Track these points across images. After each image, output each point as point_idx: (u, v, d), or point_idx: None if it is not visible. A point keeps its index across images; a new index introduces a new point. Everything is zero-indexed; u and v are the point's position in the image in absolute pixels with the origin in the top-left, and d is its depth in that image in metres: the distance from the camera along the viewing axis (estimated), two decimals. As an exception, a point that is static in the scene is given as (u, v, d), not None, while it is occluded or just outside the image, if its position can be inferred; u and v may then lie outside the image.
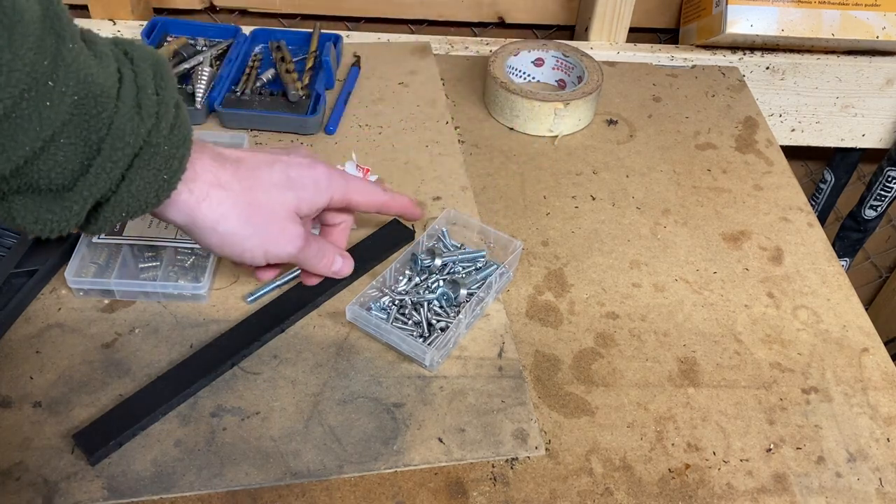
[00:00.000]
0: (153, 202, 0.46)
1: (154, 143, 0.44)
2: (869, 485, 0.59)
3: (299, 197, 0.53)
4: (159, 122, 0.45)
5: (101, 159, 0.42)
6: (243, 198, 0.50)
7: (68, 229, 0.44)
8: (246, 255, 0.52)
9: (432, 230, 0.72)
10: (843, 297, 0.74)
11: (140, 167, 0.44)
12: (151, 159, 0.44)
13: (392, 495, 0.55)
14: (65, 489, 0.54)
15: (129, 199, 0.45)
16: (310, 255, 0.56)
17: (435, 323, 0.65)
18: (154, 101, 0.45)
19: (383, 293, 0.68)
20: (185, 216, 0.48)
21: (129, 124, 0.43)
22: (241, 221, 0.50)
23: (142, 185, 0.45)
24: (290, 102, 0.86)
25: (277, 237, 0.52)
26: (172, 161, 0.46)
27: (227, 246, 0.51)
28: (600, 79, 0.90)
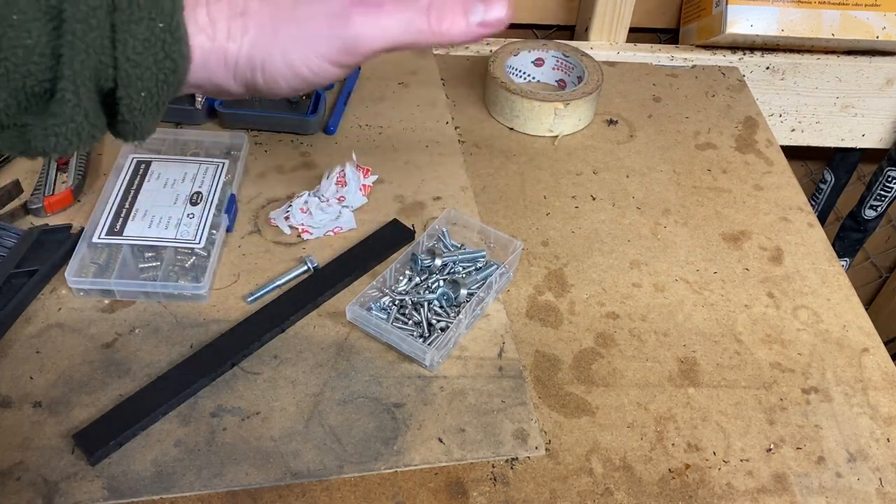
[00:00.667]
0: (170, 67, 0.38)
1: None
2: (869, 485, 0.59)
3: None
4: None
5: (68, 24, 0.35)
6: (264, 11, 0.41)
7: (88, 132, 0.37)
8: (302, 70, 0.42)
9: (432, 230, 0.72)
10: (843, 297, 0.74)
11: (125, 23, 0.36)
12: (131, 6, 0.36)
13: (392, 495, 0.55)
14: (65, 489, 0.54)
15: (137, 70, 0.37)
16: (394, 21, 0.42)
17: (435, 323, 0.65)
18: None
19: (383, 293, 0.68)
20: (221, 69, 0.40)
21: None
22: (269, 39, 0.41)
23: (141, 48, 0.37)
24: (290, 102, 0.86)
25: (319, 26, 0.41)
26: (161, 2, 0.37)
27: (277, 74, 0.41)
28: (600, 79, 0.90)
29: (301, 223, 0.73)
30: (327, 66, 0.42)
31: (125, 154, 0.77)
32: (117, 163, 0.76)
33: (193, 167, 0.76)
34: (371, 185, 0.78)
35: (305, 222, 0.73)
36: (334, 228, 0.73)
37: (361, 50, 0.42)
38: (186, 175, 0.75)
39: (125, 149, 0.77)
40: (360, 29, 0.41)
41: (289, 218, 0.73)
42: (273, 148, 0.82)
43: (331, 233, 0.73)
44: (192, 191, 0.73)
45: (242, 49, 0.41)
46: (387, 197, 0.78)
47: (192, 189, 0.73)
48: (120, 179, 0.74)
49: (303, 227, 0.73)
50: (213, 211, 0.72)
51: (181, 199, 0.72)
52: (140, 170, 0.75)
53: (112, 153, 0.79)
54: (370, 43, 0.42)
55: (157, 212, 0.70)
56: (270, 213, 0.74)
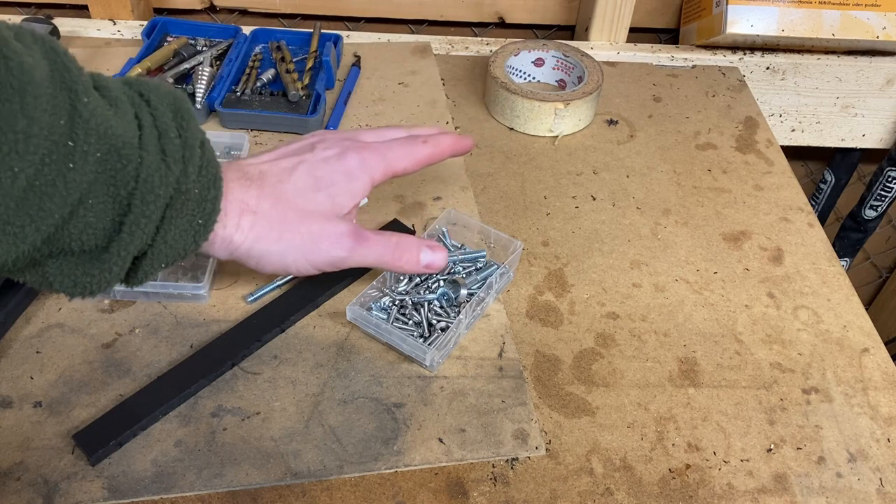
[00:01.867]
0: (192, 247, 0.45)
1: (184, 190, 0.43)
2: (869, 485, 0.59)
3: (332, 195, 0.51)
4: (186, 166, 0.43)
5: (133, 215, 0.41)
6: (273, 215, 0.49)
7: (109, 287, 0.43)
8: (291, 268, 0.51)
9: (432, 230, 0.72)
10: (843, 297, 0.74)
11: (173, 217, 0.42)
12: (184, 206, 0.43)
13: (392, 495, 0.55)
14: (65, 489, 0.54)
15: (167, 250, 0.43)
16: (372, 254, 0.52)
17: (435, 323, 0.65)
18: (178, 145, 0.42)
19: (383, 293, 0.68)
20: (222, 250, 0.48)
21: (157, 174, 0.41)
22: (273, 240, 0.49)
23: (177, 234, 0.43)
24: (290, 102, 0.86)
25: (317, 243, 0.50)
26: (205, 204, 0.44)
27: (269, 265, 0.50)
28: (600, 79, 0.90)
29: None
30: (312, 270, 0.52)
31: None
32: (117, 163, 0.76)
33: (193, 167, 0.75)
34: (371, 185, 0.78)
35: None
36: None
37: (343, 266, 0.53)
38: (186, 175, 0.75)
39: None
40: (346, 254, 0.52)
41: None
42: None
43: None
44: (192, 191, 0.73)
45: (246, 242, 0.49)
46: (387, 197, 0.78)
47: (192, 189, 0.73)
48: (120, 179, 0.74)
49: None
50: (213, 211, 0.71)
51: (181, 199, 0.72)
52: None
53: (112, 153, 0.79)
54: (351, 263, 0.53)
55: (157, 212, 0.70)
56: None
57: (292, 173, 0.51)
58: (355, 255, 0.52)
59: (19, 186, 0.35)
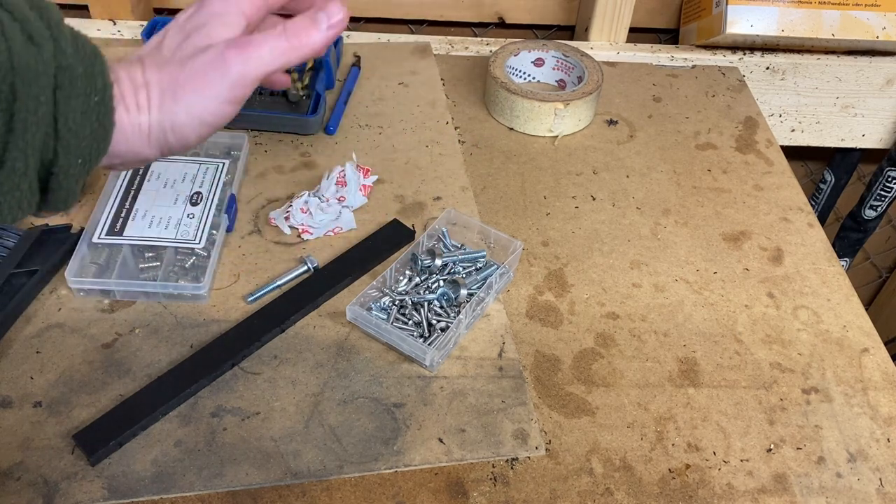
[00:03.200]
0: (101, 135, 0.43)
1: (66, 66, 0.41)
2: (869, 485, 0.59)
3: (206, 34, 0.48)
4: (58, 42, 0.41)
5: (20, 101, 0.39)
6: (162, 79, 0.46)
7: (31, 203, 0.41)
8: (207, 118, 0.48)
9: (432, 230, 0.72)
10: (843, 297, 0.74)
11: (66, 98, 0.41)
12: (73, 85, 0.41)
13: (392, 495, 0.55)
14: (65, 489, 0.54)
15: (75, 140, 0.41)
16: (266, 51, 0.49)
17: (435, 323, 0.65)
18: (42, 27, 0.41)
19: (383, 293, 0.68)
20: (141, 141, 0.46)
21: (29, 55, 0.39)
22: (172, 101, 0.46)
23: (79, 119, 0.41)
24: (290, 102, 0.86)
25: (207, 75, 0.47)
26: (94, 79, 0.42)
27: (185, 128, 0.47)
28: (600, 79, 0.90)
29: (301, 223, 0.73)
30: (225, 107, 0.49)
31: (125, 154, 0.77)
32: (117, 163, 0.76)
33: (193, 167, 0.76)
34: (371, 186, 0.78)
35: (306, 222, 0.73)
36: (334, 228, 0.73)
37: (245, 82, 0.50)
38: (186, 175, 0.75)
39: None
40: (239, 66, 0.48)
41: (289, 218, 0.73)
42: (273, 148, 0.82)
43: (330, 233, 0.73)
44: (192, 191, 0.73)
45: (153, 117, 0.46)
46: (387, 197, 0.78)
47: (192, 189, 0.73)
48: (120, 179, 0.74)
49: (303, 226, 0.73)
50: (213, 211, 0.72)
51: (181, 199, 0.72)
52: (140, 170, 0.75)
53: (112, 153, 0.79)
54: (251, 74, 0.49)
55: (158, 212, 0.70)
56: (271, 213, 0.74)
57: (164, 39, 0.49)
58: (249, 63, 0.48)
59: None
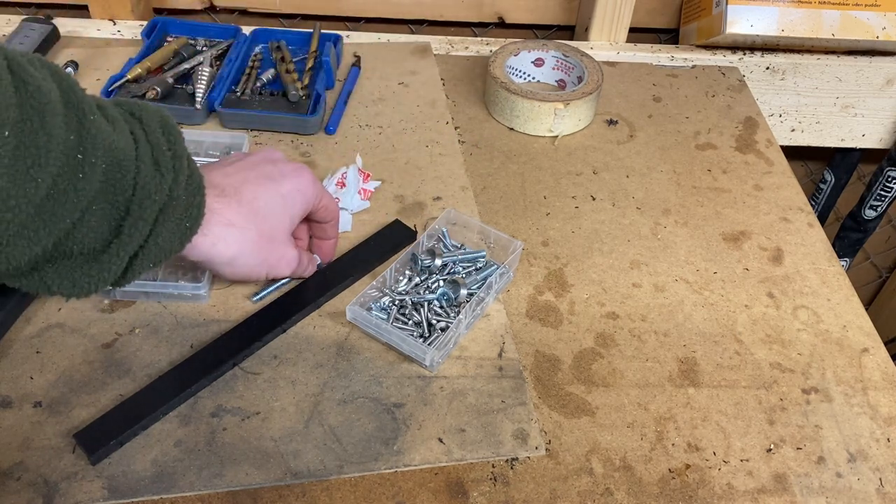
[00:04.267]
0: (177, 248, 0.50)
1: (175, 196, 0.48)
2: (869, 485, 0.59)
3: (292, 215, 0.60)
4: (177, 175, 0.48)
5: (132, 219, 0.46)
6: (251, 234, 0.56)
7: (103, 287, 0.47)
8: (252, 277, 0.59)
9: (432, 230, 0.72)
10: (843, 297, 0.74)
11: (165, 220, 0.48)
12: (174, 211, 0.48)
13: (392, 495, 0.55)
14: (65, 489, 0.54)
15: (156, 250, 0.48)
16: (299, 271, 0.64)
17: (435, 323, 0.65)
18: (169, 157, 0.48)
19: (383, 293, 0.68)
20: (202, 256, 0.54)
21: (152, 182, 0.46)
22: (252, 255, 0.57)
23: (167, 236, 0.48)
24: (290, 102, 0.86)
25: (279, 261, 0.60)
26: (191, 209, 0.50)
27: (239, 275, 0.58)
28: (600, 79, 0.90)
29: (301, 223, 0.73)
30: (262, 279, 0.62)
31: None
32: (117, 163, 0.76)
33: (193, 167, 0.76)
34: (372, 191, 0.78)
35: None
36: (333, 228, 0.73)
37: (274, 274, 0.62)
38: (186, 175, 0.75)
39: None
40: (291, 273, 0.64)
41: None
42: (273, 148, 0.82)
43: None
44: (192, 191, 0.73)
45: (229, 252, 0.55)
46: (387, 197, 0.78)
47: (192, 189, 0.73)
48: (120, 179, 0.74)
49: (302, 226, 0.73)
50: (213, 211, 0.71)
51: (181, 199, 0.72)
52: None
53: (112, 153, 0.79)
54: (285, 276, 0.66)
55: (157, 212, 0.70)
56: None
57: (265, 190, 0.58)
58: (294, 272, 0.64)
59: (39, 195, 0.40)
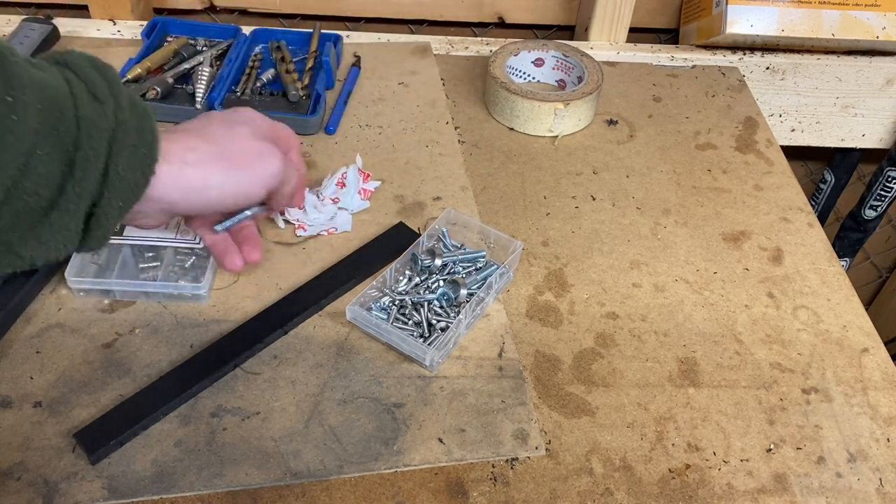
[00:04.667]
0: (142, 182, 0.47)
1: (122, 121, 0.45)
2: (869, 485, 0.59)
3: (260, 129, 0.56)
4: (118, 100, 0.46)
5: (82, 151, 0.43)
6: (216, 149, 0.52)
7: (74, 241, 0.45)
8: (248, 194, 0.54)
9: (432, 230, 0.72)
10: (843, 297, 0.74)
11: (118, 150, 0.45)
12: (125, 137, 0.45)
13: (392, 495, 0.55)
14: (65, 489, 0.54)
15: (119, 185, 0.45)
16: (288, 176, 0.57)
17: (435, 323, 0.65)
18: (105, 86, 0.46)
19: (383, 293, 0.68)
20: (173, 189, 0.50)
21: (93, 113, 0.44)
22: (224, 167, 0.52)
23: (127, 167, 0.45)
24: (290, 102, 0.86)
25: (263, 158, 0.54)
26: (144, 133, 0.47)
27: (227, 196, 0.53)
28: (600, 79, 0.90)
29: (297, 219, 0.73)
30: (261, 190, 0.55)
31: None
32: (117, 163, 0.76)
33: (193, 167, 0.76)
34: (372, 191, 0.78)
35: (301, 218, 0.73)
36: (329, 229, 0.73)
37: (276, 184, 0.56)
38: (186, 175, 0.75)
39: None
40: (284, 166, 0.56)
41: (284, 212, 0.73)
42: None
43: (324, 232, 0.73)
44: (192, 191, 0.73)
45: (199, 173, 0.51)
46: (387, 197, 0.78)
47: (192, 189, 0.73)
48: (120, 179, 0.74)
49: (298, 222, 0.73)
50: (213, 211, 0.71)
51: (181, 199, 0.72)
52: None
53: (112, 153, 0.79)
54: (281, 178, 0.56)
55: (157, 212, 0.70)
56: None
57: (226, 120, 0.55)
58: (287, 168, 0.56)
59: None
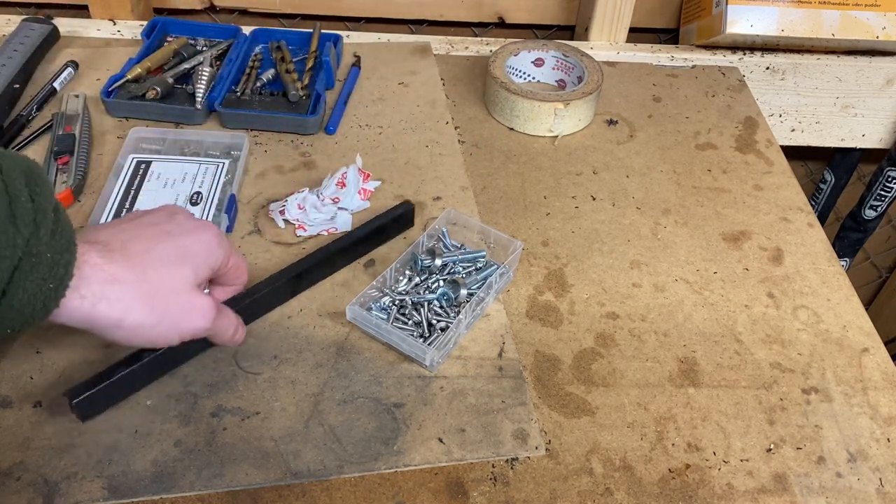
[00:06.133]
0: (40, 314, 0.44)
1: (34, 253, 0.42)
2: (869, 485, 0.59)
3: (195, 266, 0.53)
4: (38, 228, 0.43)
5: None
6: (142, 287, 0.49)
7: None
8: (160, 340, 0.52)
9: (432, 230, 0.72)
10: (843, 297, 0.74)
11: (21, 280, 0.42)
12: (33, 269, 0.42)
13: (392, 495, 0.55)
14: (65, 489, 0.54)
15: (12, 315, 0.43)
16: (220, 327, 0.56)
17: (435, 323, 0.65)
18: (30, 209, 0.43)
19: (384, 293, 0.68)
20: (80, 321, 0.47)
21: (3, 236, 0.41)
22: (146, 311, 0.49)
23: (25, 299, 0.43)
24: (290, 102, 0.86)
25: (188, 314, 0.52)
26: (57, 269, 0.44)
27: (138, 337, 0.50)
28: (600, 79, 0.90)
29: (297, 219, 0.73)
30: (177, 340, 0.53)
31: (125, 154, 0.77)
32: (117, 163, 0.76)
33: (193, 167, 0.76)
34: (372, 191, 0.78)
35: (301, 218, 0.73)
36: (329, 229, 0.73)
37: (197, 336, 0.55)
38: (186, 175, 0.75)
39: (125, 149, 0.77)
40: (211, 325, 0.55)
41: (284, 212, 0.73)
42: (273, 148, 0.82)
43: (324, 232, 0.73)
44: (192, 191, 0.73)
45: (114, 312, 0.48)
46: (387, 197, 0.78)
47: (192, 189, 0.73)
48: (120, 179, 0.74)
49: (298, 222, 0.73)
50: (213, 211, 0.72)
51: (181, 198, 0.72)
52: (140, 170, 0.75)
53: (112, 153, 0.79)
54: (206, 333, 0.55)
55: (157, 212, 0.70)
56: (270, 205, 0.75)
57: (157, 242, 0.51)
58: (213, 325, 0.55)
59: None
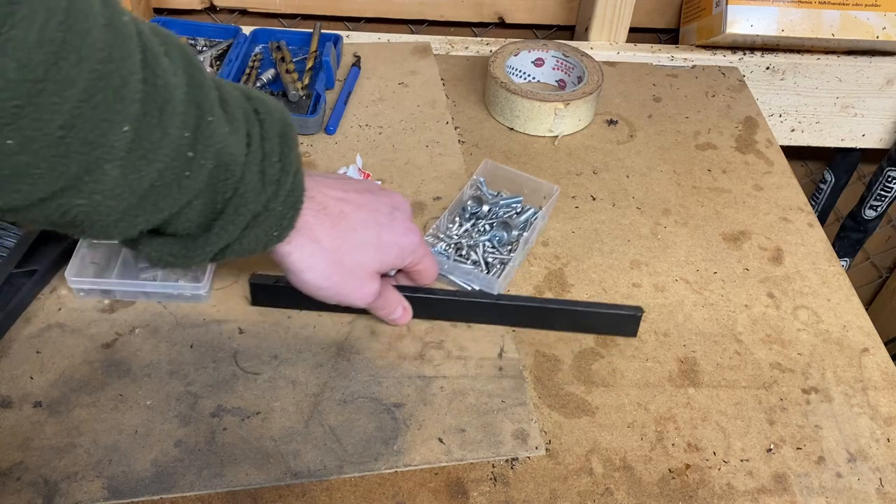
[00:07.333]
0: (259, 250, 0.50)
1: (270, 208, 0.48)
2: (869, 485, 0.59)
3: (382, 260, 0.58)
4: (279, 189, 0.48)
5: (223, 221, 0.46)
6: (330, 257, 0.54)
7: (192, 265, 0.49)
8: (321, 298, 0.57)
9: (472, 181, 0.76)
10: (843, 297, 0.74)
11: (255, 226, 0.48)
12: (266, 220, 0.48)
13: (392, 495, 0.56)
14: (65, 489, 0.54)
15: (240, 249, 0.49)
16: (376, 306, 0.61)
17: (491, 260, 0.70)
18: (277, 169, 0.48)
19: (439, 239, 0.72)
20: (277, 257, 0.53)
21: (252, 192, 0.46)
22: (324, 276, 0.54)
23: (253, 240, 0.49)
24: (290, 102, 0.86)
25: (352, 292, 0.57)
26: (283, 220, 0.50)
27: (306, 287, 0.55)
28: (600, 79, 0.90)
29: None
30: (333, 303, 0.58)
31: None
32: (117, 163, 0.76)
33: (193, 167, 0.76)
34: (371, 189, 0.78)
35: None
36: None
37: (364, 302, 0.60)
38: (186, 175, 0.75)
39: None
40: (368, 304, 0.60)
41: None
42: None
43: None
44: (192, 191, 0.73)
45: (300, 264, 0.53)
46: (387, 197, 0.78)
47: (192, 189, 0.73)
48: (120, 179, 0.74)
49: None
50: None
51: (181, 199, 0.72)
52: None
53: (112, 153, 0.79)
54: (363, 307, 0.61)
55: (157, 212, 0.70)
56: None
57: (365, 228, 0.56)
58: (371, 305, 0.60)
59: (143, 186, 0.40)
